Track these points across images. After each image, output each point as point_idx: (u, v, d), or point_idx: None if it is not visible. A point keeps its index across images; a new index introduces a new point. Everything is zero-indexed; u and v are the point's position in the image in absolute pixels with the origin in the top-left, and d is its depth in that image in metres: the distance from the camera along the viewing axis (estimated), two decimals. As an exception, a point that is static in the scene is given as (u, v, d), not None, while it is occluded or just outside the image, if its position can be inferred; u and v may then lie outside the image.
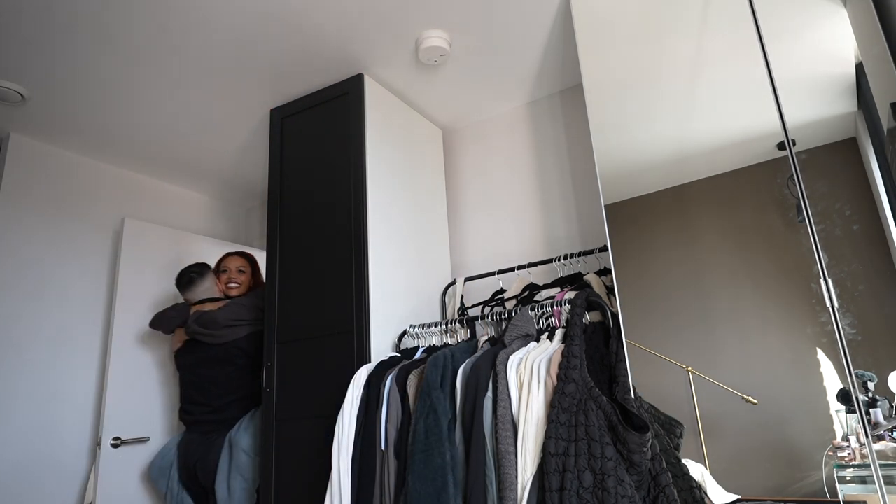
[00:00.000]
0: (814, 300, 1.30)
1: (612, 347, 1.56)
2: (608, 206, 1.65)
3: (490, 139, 2.67)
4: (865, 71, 1.39)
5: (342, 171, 2.16)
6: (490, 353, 1.60)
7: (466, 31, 2.07)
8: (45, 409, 2.47)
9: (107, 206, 2.88)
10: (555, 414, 1.44)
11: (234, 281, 2.60)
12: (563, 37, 2.14)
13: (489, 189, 2.61)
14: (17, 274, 2.47)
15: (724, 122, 1.56)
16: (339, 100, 2.26)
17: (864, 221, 1.33)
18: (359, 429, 1.68)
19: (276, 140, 2.40)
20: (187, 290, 2.55)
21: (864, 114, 1.38)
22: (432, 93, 2.47)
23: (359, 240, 2.04)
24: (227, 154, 2.92)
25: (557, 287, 1.97)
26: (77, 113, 2.42)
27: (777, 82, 1.43)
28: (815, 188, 1.35)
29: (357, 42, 2.09)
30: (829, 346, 1.28)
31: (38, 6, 1.80)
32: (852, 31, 1.43)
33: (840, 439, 1.26)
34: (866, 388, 1.22)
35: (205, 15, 1.90)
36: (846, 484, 1.24)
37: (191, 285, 2.55)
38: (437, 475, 1.45)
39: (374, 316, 1.97)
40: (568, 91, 2.49)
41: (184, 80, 2.25)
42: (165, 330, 2.55)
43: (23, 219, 2.53)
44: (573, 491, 1.31)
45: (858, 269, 1.30)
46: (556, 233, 2.38)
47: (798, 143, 1.39)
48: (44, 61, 2.07)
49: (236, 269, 2.63)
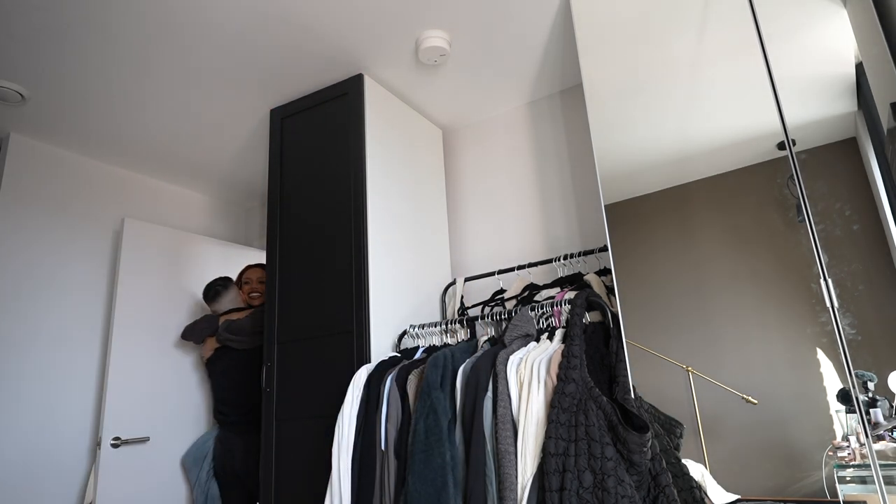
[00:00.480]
0: (814, 300, 1.30)
1: (612, 347, 1.56)
2: (608, 206, 1.65)
3: (490, 139, 2.67)
4: (865, 71, 1.39)
5: (342, 172, 2.16)
6: (490, 353, 1.60)
7: (466, 31, 2.07)
8: (46, 408, 2.47)
9: (107, 206, 2.88)
10: (555, 414, 1.44)
11: (256, 291, 2.81)
12: (563, 37, 2.14)
13: (489, 189, 2.61)
14: (16, 274, 2.47)
15: (724, 122, 1.56)
16: (339, 100, 2.26)
17: (864, 221, 1.33)
18: (359, 429, 1.68)
19: (276, 140, 2.40)
20: (214, 302, 2.80)
21: (864, 114, 1.38)
22: (432, 93, 2.47)
23: (359, 240, 2.04)
24: (227, 154, 2.92)
25: (557, 287, 1.97)
26: (77, 113, 2.42)
27: (777, 82, 1.43)
28: (815, 188, 1.35)
29: (357, 42, 2.09)
30: (829, 346, 1.28)
31: (38, 6, 1.80)
32: (852, 31, 1.43)
33: (840, 439, 1.26)
34: (866, 388, 1.22)
35: (205, 15, 1.90)
36: (846, 484, 1.24)
37: (217, 297, 2.80)
38: (437, 475, 1.45)
39: (374, 316, 1.97)
40: (568, 91, 2.49)
41: (184, 79, 2.25)
42: (196, 340, 2.79)
43: (23, 219, 2.53)
44: (573, 491, 1.31)
45: (858, 269, 1.30)
46: (556, 233, 2.38)
47: (798, 143, 1.39)
48: (44, 61, 2.07)
49: (257, 279, 2.83)
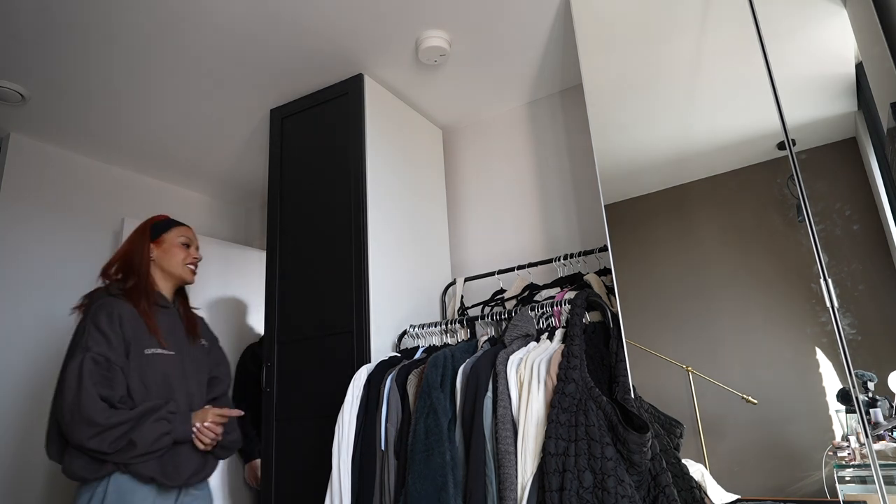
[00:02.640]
0: (814, 300, 1.30)
1: (612, 347, 1.56)
2: (608, 206, 1.65)
3: (490, 139, 2.67)
4: (865, 71, 1.39)
5: (342, 171, 2.16)
6: (490, 353, 1.60)
7: (466, 32, 2.07)
8: (46, 408, 2.47)
9: (107, 206, 2.88)
10: (555, 414, 1.44)
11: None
12: (563, 37, 2.14)
13: (489, 189, 2.61)
14: (16, 274, 2.47)
15: (724, 122, 1.56)
16: (339, 100, 2.26)
17: (864, 221, 1.33)
18: (359, 429, 1.67)
19: (276, 140, 2.40)
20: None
21: (864, 114, 1.38)
22: (432, 93, 2.47)
23: (359, 240, 2.04)
24: (227, 154, 2.92)
25: (557, 287, 1.96)
26: (77, 113, 2.42)
27: (777, 82, 1.43)
28: (815, 188, 1.35)
29: (357, 42, 2.09)
30: (829, 346, 1.28)
31: (38, 6, 1.80)
32: (852, 30, 1.43)
33: (840, 439, 1.26)
34: (866, 387, 1.22)
35: (205, 15, 1.90)
36: (846, 484, 1.24)
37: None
38: (437, 475, 1.45)
39: (374, 316, 1.97)
40: (568, 91, 2.49)
41: (184, 79, 2.25)
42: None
43: (22, 219, 2.53)
44: (573, 491, 1.31)
45: (858, 269, 1.30)
46: (556, 233, 2.38)
47: (798, 143, 1.39)
48: (44, 61, 2.07)
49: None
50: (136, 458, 1.45)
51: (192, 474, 1.56)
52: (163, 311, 1.68)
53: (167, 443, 1.49)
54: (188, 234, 1.80)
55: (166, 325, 1.66)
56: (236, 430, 1.72)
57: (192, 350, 1.70)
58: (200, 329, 1.79)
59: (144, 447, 1.44)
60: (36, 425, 2.44)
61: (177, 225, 1.79)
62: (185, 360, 1.65)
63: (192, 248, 1.79)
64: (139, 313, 1.59)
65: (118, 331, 1.53)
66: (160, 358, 1.58)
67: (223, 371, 1.81)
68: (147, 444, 1.44)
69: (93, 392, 1.42)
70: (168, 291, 1.74)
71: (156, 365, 1.56)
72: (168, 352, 1.61)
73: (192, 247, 1.79)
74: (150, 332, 1.59)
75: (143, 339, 1.57)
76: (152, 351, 1.57)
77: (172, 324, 1.68)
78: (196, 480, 1.58)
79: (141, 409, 1.47)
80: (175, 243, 1.74)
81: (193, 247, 1.79)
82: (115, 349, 1.50)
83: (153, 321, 1.61)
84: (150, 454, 1.46)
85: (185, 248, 1.76)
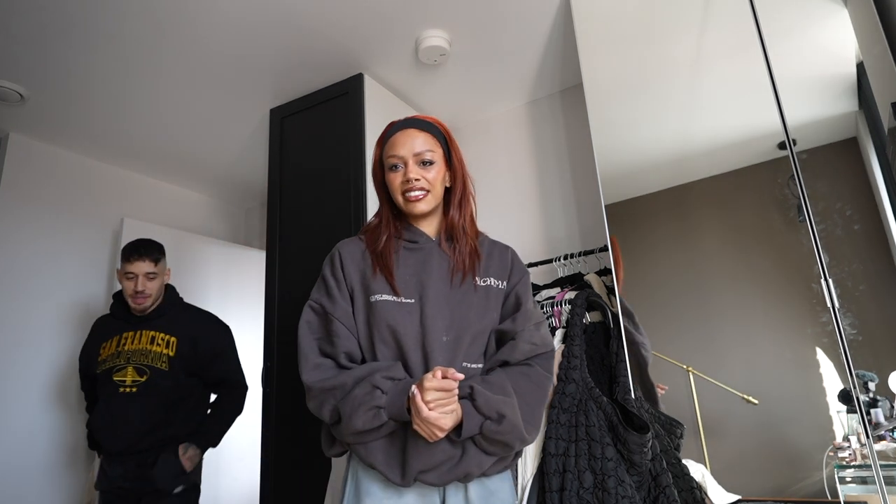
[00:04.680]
0: (814, 300, 1.30)
1: (612, 347, 1.56)
2: (608, 206, 1.64)
3: (490, 139, 2.67)
4: (866, 71, 1.39)
5: (342, 171, 2.15)
6: (490, 353, 1.59)
7: (466, 31, 2.07)
8: (46, 409, 2.47)
9: (106, 206, 2.87)
10: (555, 414, 1.44)
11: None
12: (563, 37, 2.13)
13: (489, 189, 2.60)
14: (16, 274, 2.46)
15: (724, 121, 1.55)
16: (339, 99, 2.26)
17: (864, 221, 1.32)
18: (359, 429, 1.67)
19: (276, 140, 2.40)
20: None
21: (865, 113, 1.38)
22: (432, 92, 2.46)
23: (359, 240, 2.03)
24: (227, 154, 2.91)
25: (557, 287, 1.96)
26: (77, 113, 2.42)
27: (778, 82, 1.43)
28: (816, 188, 1.35)
29: (357, 41, 2.08)
30: (829, 347, 1.28)
31: (37, 6, 1.80)
32: (853, 30, 1.42)
33: (841, 440, 1.26)
34: (867, 388, 1.22)
35: (205, 15, 1.89)
36: (847, 484, 1.24)
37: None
38: (438, 475, 1.44)
39: (374, 316, 1.97)
40: (568, 91, 2.49)
41: (184, 79, 2.24)
42: None
43: (22, 219, 2.53)
44: (573, 491, 1.31)
45: (859, 269, 1.29)
46: (556, 233, 2.38)
47: (799, 142, 1.39)
48: (44, 61, 2.07)
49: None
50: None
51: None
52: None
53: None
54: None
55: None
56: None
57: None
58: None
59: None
60: (42, 419, 2.44)
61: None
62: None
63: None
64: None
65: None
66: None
67: None
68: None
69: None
70: None
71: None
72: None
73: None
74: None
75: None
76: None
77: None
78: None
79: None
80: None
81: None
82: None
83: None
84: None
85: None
